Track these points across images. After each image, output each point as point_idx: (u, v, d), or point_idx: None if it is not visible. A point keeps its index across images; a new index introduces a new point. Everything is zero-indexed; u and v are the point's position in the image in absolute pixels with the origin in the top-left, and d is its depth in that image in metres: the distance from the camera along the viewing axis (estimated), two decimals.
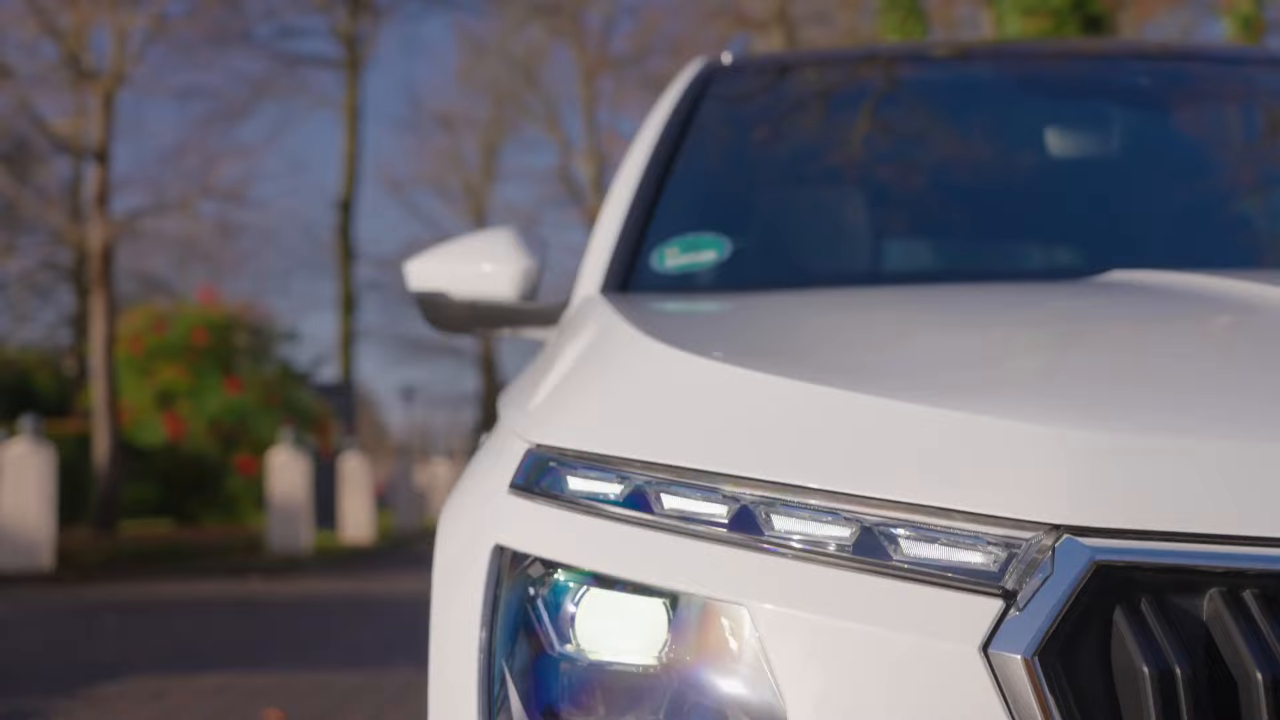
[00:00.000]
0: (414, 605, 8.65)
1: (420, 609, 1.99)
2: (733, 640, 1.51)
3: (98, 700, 7.74)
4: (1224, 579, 1.35)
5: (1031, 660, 1.34)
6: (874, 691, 1.42)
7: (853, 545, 1.47)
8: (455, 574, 1.83)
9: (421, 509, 31.82)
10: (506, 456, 1.85)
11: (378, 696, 7.87)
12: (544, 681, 1.63)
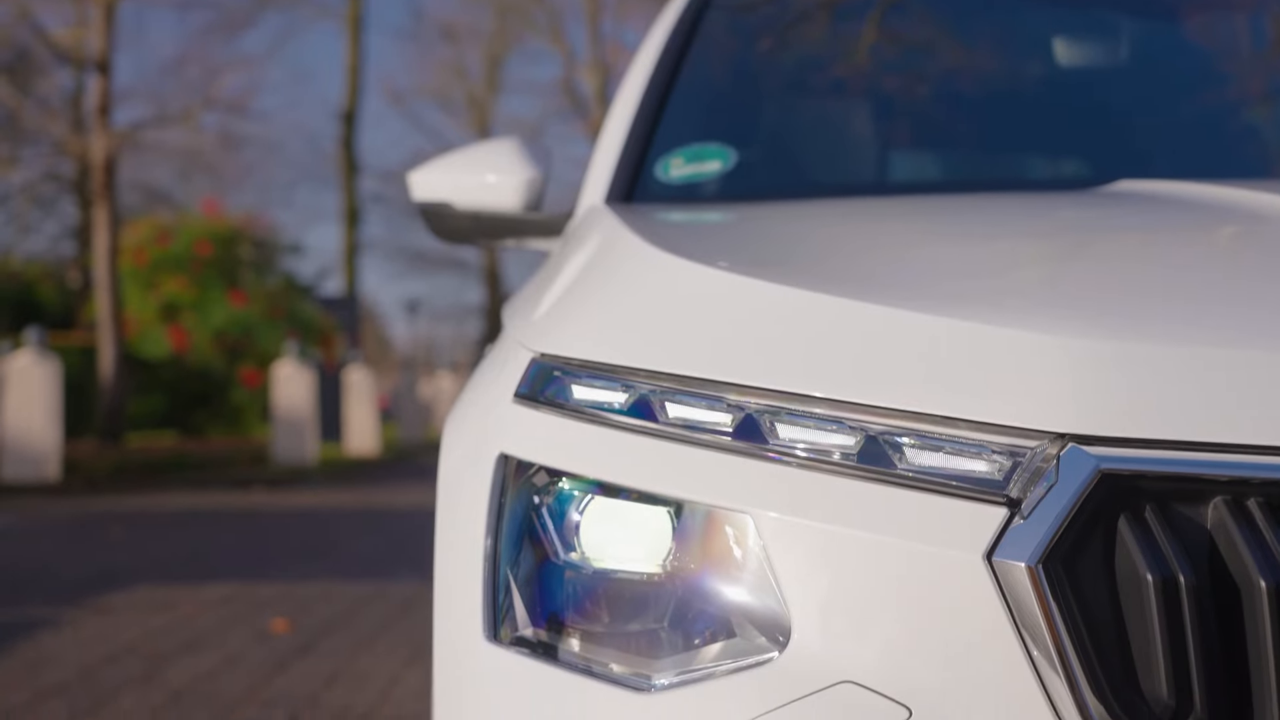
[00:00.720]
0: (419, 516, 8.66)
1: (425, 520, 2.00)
2: (737, 548, 1.52)
3: (105, 609, 7.79)
4: (1228, 487, 1.35)
5: (1035, 568, 1.35)
6: (877, 599, 1.43)
7: (857, 454, 1.47)
8: (459, 483, 1.83)
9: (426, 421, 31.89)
10: (511, 366, 1.85)
11: (383, 606, 7.92)
12: (548, 589, 1.63)
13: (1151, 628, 1.32)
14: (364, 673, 6.20)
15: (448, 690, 1.74)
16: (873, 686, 1.41)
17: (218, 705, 5.62)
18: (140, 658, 6.52)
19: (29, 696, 5.75)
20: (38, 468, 16.71)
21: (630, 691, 1.51)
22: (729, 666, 1.48)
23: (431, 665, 1.85)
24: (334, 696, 5.78)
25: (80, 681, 6.02)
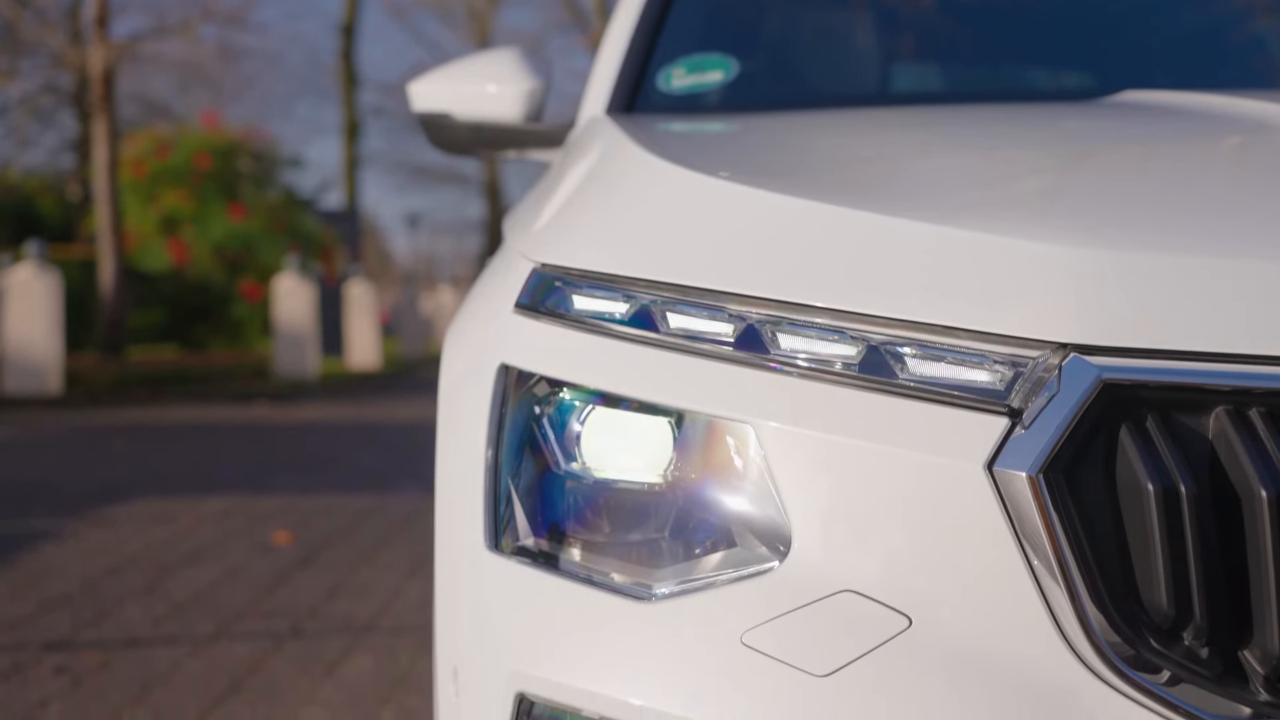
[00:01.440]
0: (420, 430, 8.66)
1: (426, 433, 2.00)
2: (738, 458, 1.52)
3: (107, 521, 7.83)
4: (1230, 397, 1.35)
5: (1036, 477, 1.34)
6: (877, 509, 1.43)
7: (859, 364, 1.47)
8: (460, 394, 1.83)
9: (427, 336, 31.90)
10: (512, 276, 1.85)
11: (384, 519, 7.95)
12: (550, 499, 1.64)
13: (1152, 537, 1.33)
14: (365, 585, 6.23)
15: (449, 600, 1.75)
16: (873, 595, 1.41)
17: (220, 616, 5.66)
18: (142, 570, 6.55)
19: (32, 608, 5.78)
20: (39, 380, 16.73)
21: (631, 600, 1.52)
22: (729, 576, 1.49)
23: (433, 577, 1.85)
24: (335, 608, 5.82)
25: (83, 593, 6.05)
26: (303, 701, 4.54)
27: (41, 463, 10.79)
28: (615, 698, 1.48)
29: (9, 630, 5.43)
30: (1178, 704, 1.32)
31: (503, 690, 1.57)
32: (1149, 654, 1.33)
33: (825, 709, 1.38)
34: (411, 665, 4.91)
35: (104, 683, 4.74)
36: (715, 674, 1.44)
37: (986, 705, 1.35)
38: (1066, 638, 1.35)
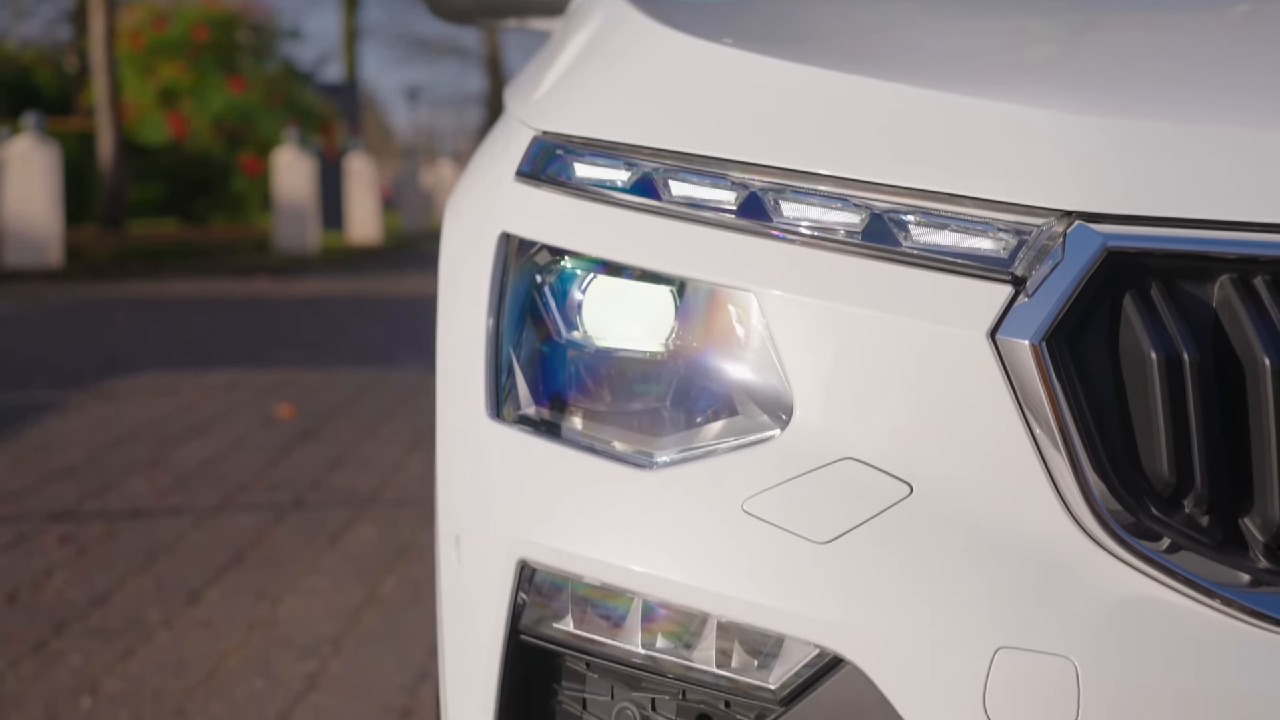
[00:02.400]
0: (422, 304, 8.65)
1: (428, 308, 2.00)
2: (739, 327, 1.51)
3: (110, 394, 7.85)
4: (1235, 265, 1.34)
5: (1039, 345, 1.34)
6: (879, 377, 1.42)
7: (862, 231, 1.46)
8: (461, 263, 1.82)
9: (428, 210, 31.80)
10: (512, 144, 1.83)
11: (386, 392, 7.98)
12: (551, 368, 1.63)
13: (1154, 406, 1.32)
14: (367, 458, 6.26)
15: (450, 468, 1.75)
16: (874, 463, 1.41)
17: (223, 488, 5.69)
18: (146, 442, 6.58)
19: (37, 479, 5.82)
20: (40, 254, 16.70)
21: (632, 468, 1.52)
22: (730, 444, 1.49)
23: (434, 451, 1.86)
24: (338, 480, 5.85)
25: (88, 464, 6.09)
26: (305, 571, 4.58)
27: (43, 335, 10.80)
28: (616, 564, 1.49)
29: (14, 501, 5.47)
30: (1178, 571, 1.32)
31: (504, 558, 1.58)
32: (1149, 522, 1.34)
33: (825, 575, 1.39)
34: (414, 536, 4.95)
35: (108, 552, 4.78)
36: (716, 541, 1.45)
37: (987, 572, 1.36)
38: (1067, 505, 1.35)
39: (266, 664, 3.75)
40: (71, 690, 3.56)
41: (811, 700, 1.41)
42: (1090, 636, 1.32)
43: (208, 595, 4.33)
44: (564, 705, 1.59)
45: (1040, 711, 1.31)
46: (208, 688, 3.58)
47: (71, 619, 4.09)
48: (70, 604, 4.23)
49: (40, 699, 3.50)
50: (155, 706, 3.46)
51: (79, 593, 4.34)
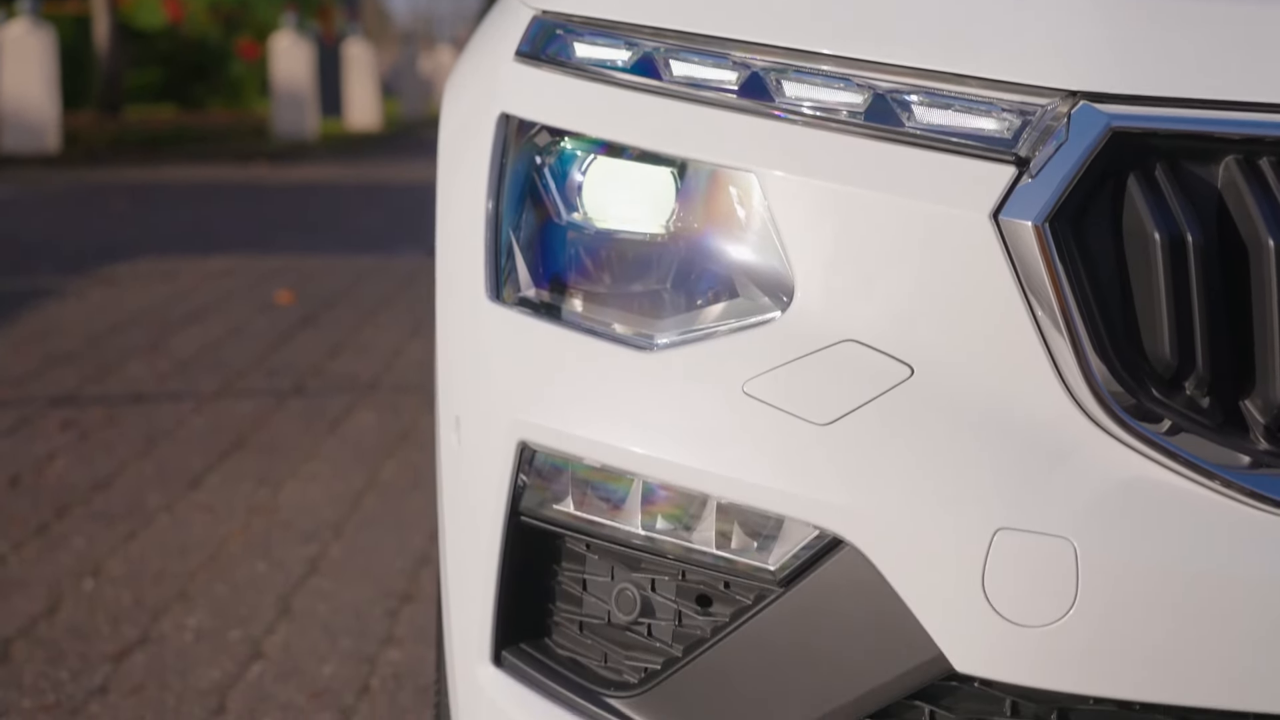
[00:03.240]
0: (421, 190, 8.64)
1: (427, 194, 1.99)
2: (740, 208, 1.50)
3: (109, 279, 7.85)
4: (1241, 146, 1.33)
5: (1042, 227, 1.33)
6: (881, 258, 1.42)
7: (864, 111, 1.45)
8: (461, 145, 1.81)
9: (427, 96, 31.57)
10: (511, 24, 1.80)
11: (386, 279, 7.97)
12: (551, 251, 1.62)
13: (1157, 287, 1.32)
14: (367, 343, 6.27)
15: (450, 351, 1.75)
16: (875, 345, 1.41)
17: (224, 373, 5.70)
18: (146, 327, 6.59)
19: (38, 363, 5.83)
20: (37, 139, 16.61)
21: (633, 350, 1.52)
22: (731, 326, 1.48)
23: (434, 338, 1.85)
24: (338, 366, 5.86)
25: (88, 349, 6.09)
26: (306, 457, 4.59)
27: (42, 220, 10.78)
28: (616, 446, 1.49)
29: (15, 385, 5.48)
30: (1178, 453, 1.32)
31: (504, 440, 1.58)
32: (1150, 403, 1.34)
33: (826, 457, 1.39)
34: (414, 422, 4.97)
35: (110, 437, 4.80)
36: (716, 423, 1.45)
37: (987, 454, 1.36)
38: (1068, 388, 1.35)
39: (268, 548, 3.77)
40: (74, 573, 3.59)
41: (811, 581, 1.42)
42: (1089, 518, 1.32)
43: (208, 480, 4.35)
44: (564, 586, 1.60)
45: (1039, 593, 1.32)
46: (209, 571, 3.61)
47: (73, 503, 4.12)
48: (72, 488, 4.25)
49: (43, 581, 3.53)
50: (157, 589, 3.49)
51: (80, 477, 4.36)
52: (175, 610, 3.36)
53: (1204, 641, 1.30)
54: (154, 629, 3.25)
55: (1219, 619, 1.30)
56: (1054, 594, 1.32)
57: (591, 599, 1.57)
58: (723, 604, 1.49)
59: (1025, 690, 1.36)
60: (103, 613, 3.35)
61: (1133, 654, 1.32)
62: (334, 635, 3.22)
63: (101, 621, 3.30)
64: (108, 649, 3.14)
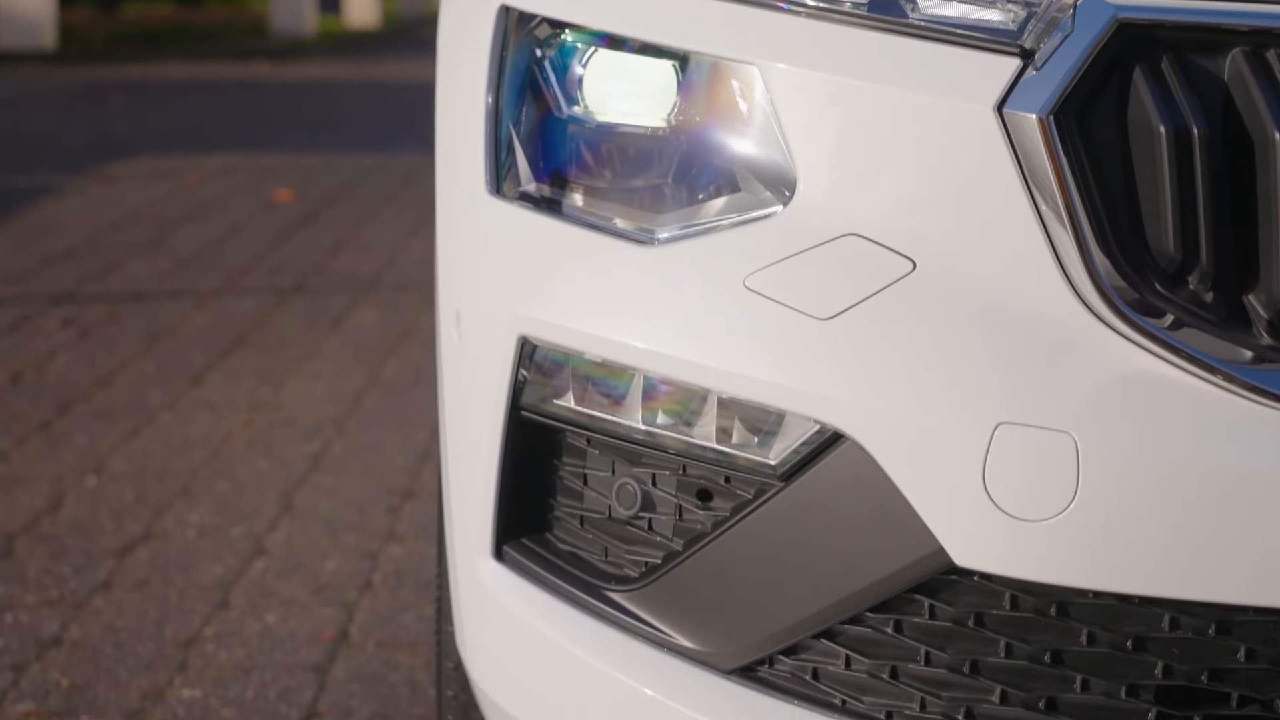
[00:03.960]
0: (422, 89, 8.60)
1: (428, 93, 1.97)
2: (742, 101, 1.49)
3: (108, 177, 7.82)
4: (1248, 38, 1.31)
5: (1046, 119, 1.32)
6: (884, 152, 1.41)
7: (868, 3, 1.43)
8: (460, 38, 1.79)
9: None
10: None
11: (387, 177, 7.94)
12: (552, 145, 1.61)
13: (1161, 180, 1.31)
14: (368, 242, 6.26)
15: (451, 246, 1.74)
16: (877, 239, 1.40)
17: (224, 271, 5.69)
18: (145, 225, 6.57)
19: (37, 261, 5.82)
20: (34, 35, 16.47)
21: (633, 244, 1.51)
22: (733, 220, 1.47)
23: (435, 234, 1.85)
24: (339, 264, 5.85)
25: (87, 247, 6.08)
26: (308, 355, 4.60)
27: (40, 118, 10.71)
28: (617, 340, 1.49)
29: (15, 282, 5.47)
30: (1180, 347, 1.32)
31: (505, 335, 1.57)
32: (1153, 298, 1.33)
33: (827, 351, 1.39)
34: (415, 320, 4.96)
35: (111, 335, 4.80)
36: (717, 317, 1.44)
37: (989, 349, 1.36)
38: (1071, 282, 1.34)
39: (270, 445, 3.79)
40: (77, 469, 3.60)
41: (811, 476, 1.42)
42: (1091, 412, 1.32)
43: (210, 378, 4.35)
44: (565, 481, 1.60)
45: (1039, 487, 1.32)
46: (212, 467, 3.62)
47: (75, 400, 4.12)
48: (74, 385, 4.26)
49: (46, 478, 3.54)
50: (160, 485, 3.50)
51: (82, 374, 4.36)
52: (178, 506, 3.38)
53: (1204, 536, 1.31)
54: (157, 525, 3.27)
55: (1219, 513, 1.30)
56: (1055, 488, 1.32)
57: (592, 494, 1.57)
58: (723, 498, 1.49)
59: (1025, 584, 1.36)
60: (105, 509, 3.36)
61: (1133, 548, 1.32)
62: (336, 531, 3.24)
63: (104, 517, 3.31)
64: (111, 545, 3.16)
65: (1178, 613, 1.35)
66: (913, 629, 1.42)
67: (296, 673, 2.64)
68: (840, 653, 1.45)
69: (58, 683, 2.60)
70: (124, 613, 2.86)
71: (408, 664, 2.65)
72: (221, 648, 2.73)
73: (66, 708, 2.53)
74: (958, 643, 1.41)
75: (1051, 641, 1.38)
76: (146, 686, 2.59)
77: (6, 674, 2.63)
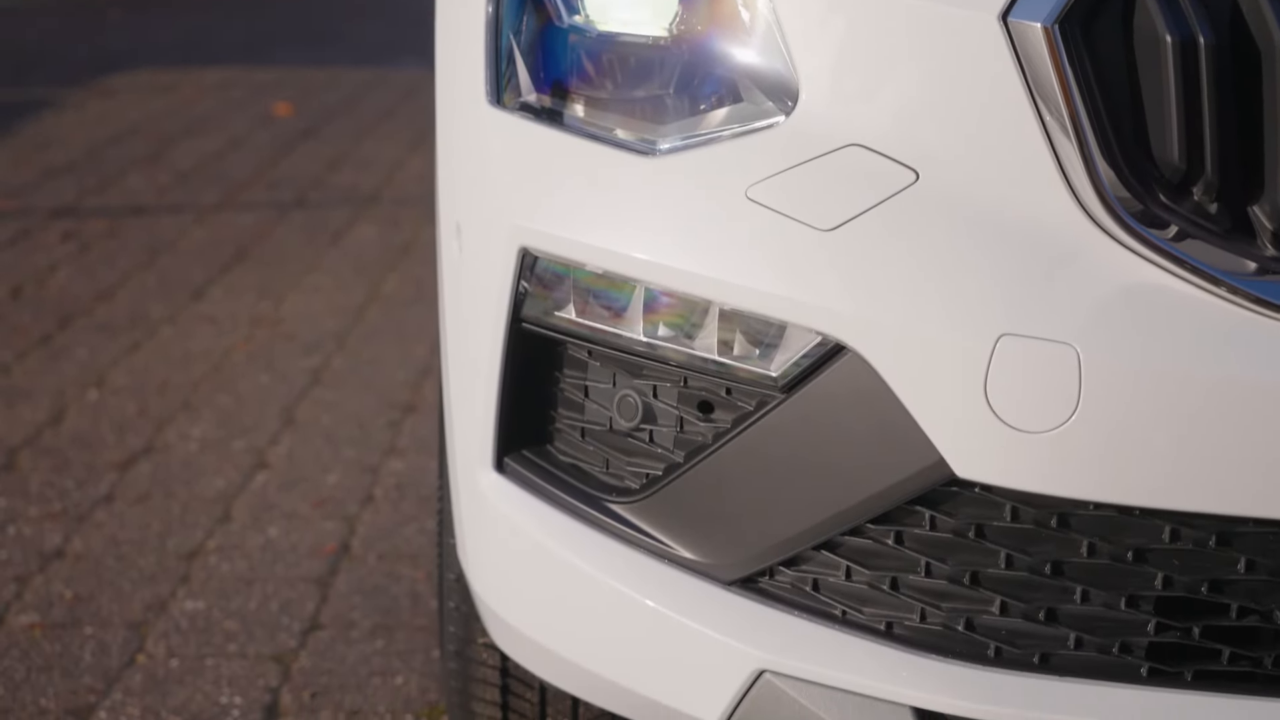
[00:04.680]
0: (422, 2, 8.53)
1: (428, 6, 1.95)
2: (744, 10, 1.47)
3: (107, 91, 7.77)
4: None
5: (1051, 28, 1.30)
6: (887, 61, 1.39)
7: None
8: None
9: None
10: None
11: (387, 91, 7.89)
12: (552, 55, 1.60)
13: (1167, 90, 1.29)
14: (368, 157, 6.23)
15: (451, 158, 1.73)
16: (880, 150, 1.39)
17: (224, 186, 5.67)
18: (144, 139, 6.53)
19: (37, 175, 5.79)
20: None
21: (635, 155, 1.50)
22: (734, 130, 1.46)
23: (435, 146, 1.83)
24: (339, 179, 5.83)
25: (86, 161, 6.05)
26: (308, 269, 4.59)
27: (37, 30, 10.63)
28: (618, 252, 1.48)
29: (15, 196, 5.46)
30: (1183, 258, 1.31)
31: (505, 246, 1.57)
32: (1157, 209, 1.32)
33: (829, 262, 1.38)
34: (415, 235, 4.95)
35: (111, 249, 4.79)
36: (719, 228, 1.43)
37: (991, 260, 1.35)
38: (1075, 193, 1.33)
39: (271, 359, 3.79)
40: (78, 383, 3.60)
41: (812, 388, 1.41)
42: (1093, 323, 1.31)
43: (211, 292, 4.35)
44: (566, 393, 1.60)
45: (1041, 398, 1.32)
46: (213, 381, 3.63)
47: (76, 314, 4.12)
48: (74, 299, 4.25)
49: (47, 391, 3.54)
50: (162, 399, 3.51)
51: (83, 288, 4.35)
52: (180, 420, 3.38)
53: (1205, 448, 1.30)
54: (158, 439, 3.28)
55: (1221, 425, 1.30)
56: (1056, 400, 1.31)
57: (593, 405, 1.57)
58: (724, 410, 1.48)
59: (1025, 496, 1.36)
60: (107, 422, 3.37)
61: (1134, 460, 1.32)
62: (337, 445, 3.25)
63: (106, 431, 3.32)
64: (113, 458, 3.17)
65: (1178, 524, 1.35)
66: (913, 540, 1.42)
67: (298, 585, 2.65)
68: (841, 564, 1.45)
69: (61, 594, 2.62)
70: (126, 525, 2.87)
71: (409, 576, 2.67)
72: (224, 560, 2.74)
73: (70, 619, 2.54)
74: (958, 554, 1.41)
75: (1052, 553, 1.39)
76: (149, 598, 2.60)
77: (10, 586, 2.65)
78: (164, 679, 2.37)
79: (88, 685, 2.35)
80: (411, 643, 2.46)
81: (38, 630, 2.51)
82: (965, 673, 1.41)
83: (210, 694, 2.33)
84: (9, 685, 2.35)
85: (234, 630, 2.51)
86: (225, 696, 2.32)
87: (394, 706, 2.29)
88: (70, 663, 2.41)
